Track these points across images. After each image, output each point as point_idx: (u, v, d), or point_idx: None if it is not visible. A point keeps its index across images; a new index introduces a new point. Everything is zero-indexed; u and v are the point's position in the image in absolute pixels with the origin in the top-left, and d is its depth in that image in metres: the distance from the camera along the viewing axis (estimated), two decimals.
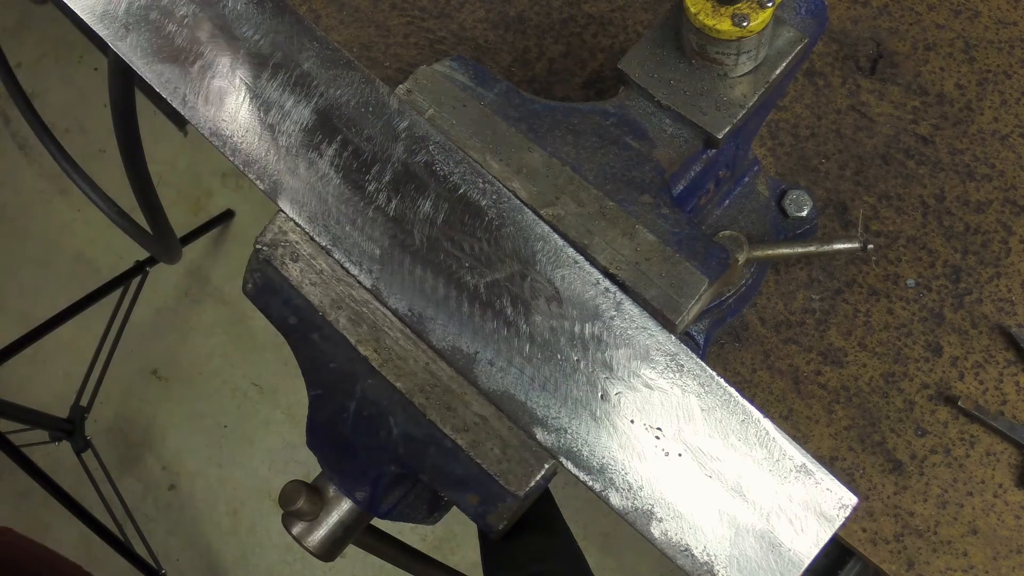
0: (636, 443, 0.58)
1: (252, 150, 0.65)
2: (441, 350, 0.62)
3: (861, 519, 0.96)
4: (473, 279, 0.62)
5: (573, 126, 0.71)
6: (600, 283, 0.61)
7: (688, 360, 0.59)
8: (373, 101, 0.65)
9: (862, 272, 1.03)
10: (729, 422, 0.58)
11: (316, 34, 0.66)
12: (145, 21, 0.68)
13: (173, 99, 0.67)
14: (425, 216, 0.63)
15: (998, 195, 1.04)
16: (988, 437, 0.96)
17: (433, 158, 0.64)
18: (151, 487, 2.48)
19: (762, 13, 0.64)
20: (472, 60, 0.74)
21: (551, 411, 0.60)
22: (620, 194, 0.67)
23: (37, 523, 2.50)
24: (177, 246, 1.25)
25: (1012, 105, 1.07)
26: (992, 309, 1.00)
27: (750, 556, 0.56)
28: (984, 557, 0.93)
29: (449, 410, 0.63)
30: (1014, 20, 1.09)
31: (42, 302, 2.59)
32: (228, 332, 2.54)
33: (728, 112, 0.70)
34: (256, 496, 2.43)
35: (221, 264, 2.59)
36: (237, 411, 2.49)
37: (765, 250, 0.92)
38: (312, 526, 0.70)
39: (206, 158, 2.63)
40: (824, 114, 1.09)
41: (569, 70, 1.15)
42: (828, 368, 1.01)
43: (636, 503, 0.58)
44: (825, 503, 0.56)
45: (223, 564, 2.41)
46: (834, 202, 1.06)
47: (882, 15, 1.12)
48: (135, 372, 2.55)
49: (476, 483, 0.63)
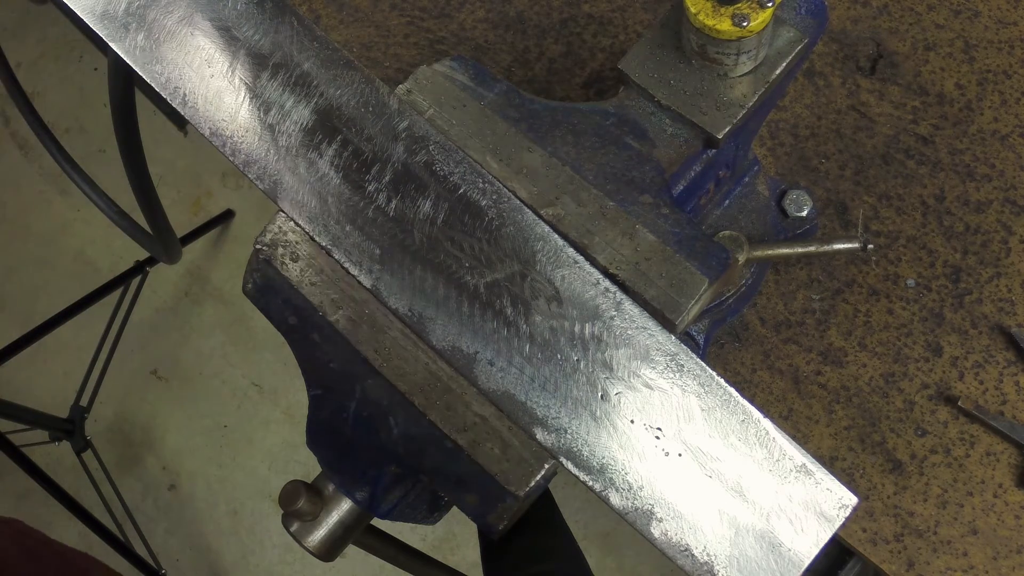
0: (636, 443, 0.58)
1: (252, 150, 0.65)
2: (441, 350, 0.62)
3: (861, 519, 0.96)
4: (473, 279, 0.62)
5: (573, 126, 0.71)
6: (600, 283, 0.61)
7: (688, 360, 0.59)
8: (373, 101, 0.65)
9: (862, 272, 1.03)
10: (729, 422, 0.58)
11: (316, 34, 0.66)
12: (144, 20, 0.68)
13: (173, 99, 0.67)
14: (425, 216, 0.63)
15: (998, 195, 1.04)
16: (988, 437, 0.96)
17: (433, 158, 0.64)
18: (151, 487, 2.48)
19: (762, 13, 0.64)
20: (472, 60, 0.74)
21: (551, 411, 0.60)
22: (620, 194, 0.67)
23: (37, 523, 2.47)
24: (177, 246, 1.25)
25: (1012, 105, 1.07)
26: (992, 309, 1.00)
27: (750, 556, 0.56)
28: (984, 557, 0.93)
29: (449, 410, 0.63)
30: (1014, 20, 1.09)
31: (42, 302, 2.59)
32: (228, 332, 2.54)
33: (728, 112, 0.70)
34: (256, 496, 2.43)
35: (221, 264, 2.59)
36: (237, 411, 2.49)
37: (765, 250, 0.92)
38: (312, 526, 0.70)
39: (206, 158, 2.62)
40: (824, 114, 1.09)
41: (569, 70, 1.15)
42: (828, 368, 1.01)
43: (636, 503, 0.58)
44: (825, 503, 0.56)
45: (223, 564, 2.41)
46: (834, 202, 1.06)
47: (882, 15, 1.12)
48: (135, 372, 2.55)
49: (476, 483, 0.63)
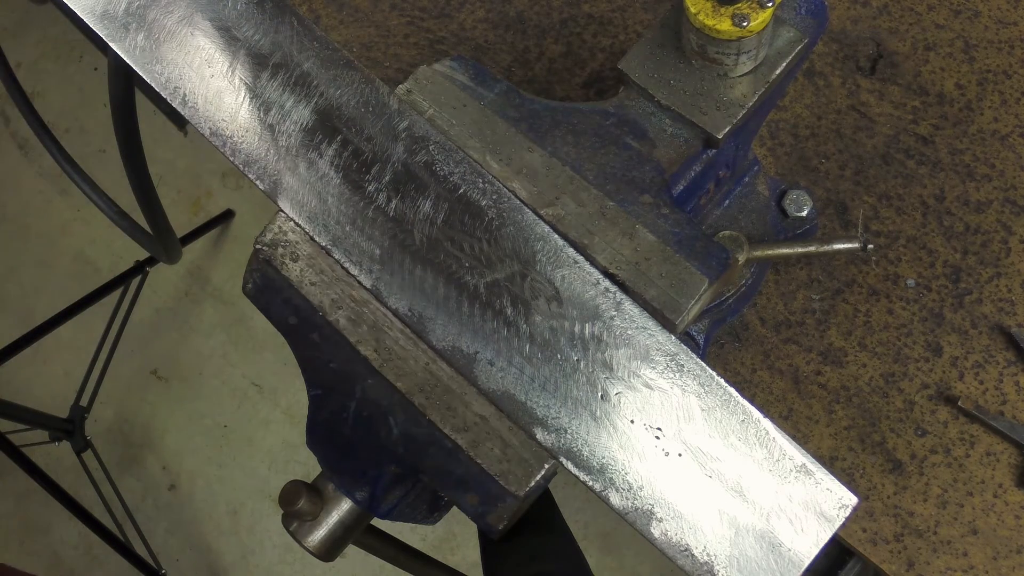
0: (636, 443, 0.58)
1: (252, 150, 0.65)
2: (441, 350, 0.62)
3: (861, 519, 0.96)
4: (473, 279, 0.62)
5: (573, 126, 0.71)
6: (600, 283, 0.61)
7: (688, 360, 0.59)
8: (373, 101, 0.65)
9: (862, 272, 1.03)
10: (729, 422, 0.58)
11: (316, 34, 0.66)
12: (144, 20, 0.68)
13: (173, 99, 0.67)
14: (425, 216, 0.63)
15: (998, 195, 1.04)
16: (988, 437, 0.96)
17: (433, 158, 0.64)
18: (151, 487, 2.48)
19: (762, 13, 0.64)
20: (472, 60, 0.73)
21: (551, 411, 0.60)
22: (620, 194, 0.67)
23: (37, 523, 2.50)
24: (177, 246, 1.25)
25: (1012, 105, 1.07)
26: (992, 309, 1.00)
27: (750, 556, 0.56)
28: (984, 557, 0.93)
29: (449, 410, 0.63)
30: (1014, 20, 1.09)
31: (42, 302, 2.59)
32: (228, 332, 2.54)
33: (728, 112, 0.70)
34: (256, 496, 2.43)
35: (221, 264, 2.59)
36: (237, 411, 2.49)
37: (765, 250, 0.92)
38: (312, 526, 0.70)
39: (206, 158, 2.62)
40: (824, 114, 1.09)
41: (569, 70, 1.15)
42: (828, 368, 1.01)
43: (636, 503, 0.58)
44: (825, 503, 0.56)
45: (223, 564, 2.41)
46: (834, 202, 1.06)
47: (882, 15, 1.12)
48: (135, 372, 2.55)
49: (476, 483, 0.63)
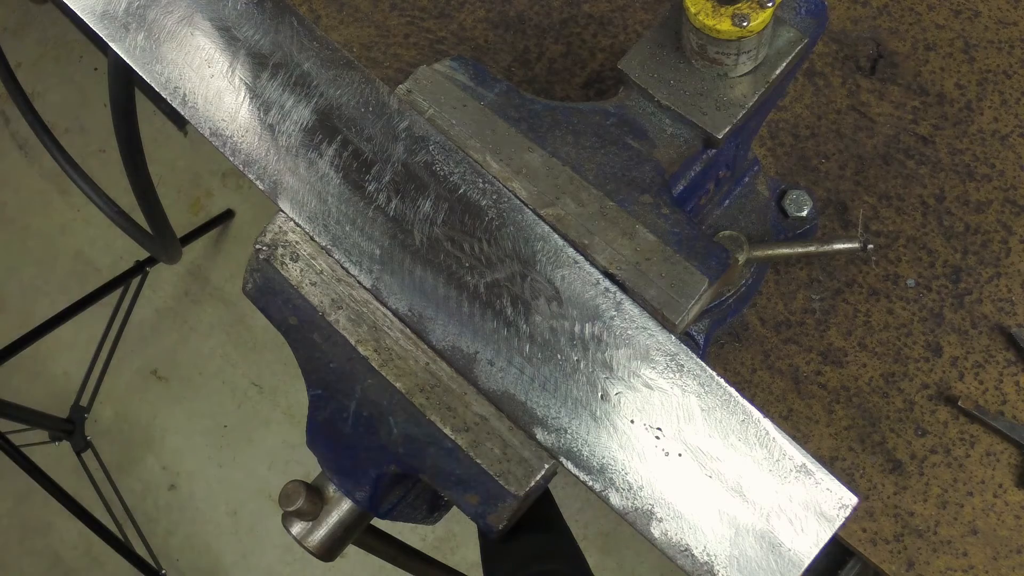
0: (636, 443, 0.58)
1: (252, 150, 0.65)
2: (441, 350, 0.62)
3: (861, 519, 0.96)
4: (473, 279, 0.62)
5: (573, 126, 0.71)
6: (600, 283, 0.61)
7: (688, 360, 0.59)
8: (373, 101, 0.65)
9: (862, 272, 1.03)
10: (729, 422, 0.58)
11: (316, 34, 0.66)
12: (144, 20, 0.68)
13: (173, 99, 0.67)
14: (425, 216, 0.63)
15: (998, 195, 1.04)
16: (988, 437, 0.96)
17: (433, 158, 0.64)
18: (151, 487, 2.48)
19: (762, 13, 0.64)
20: (472, 60, 0.73)
21: (551, 411, 0.60)
22: (620, 194, 0.67)
23: (37, 523, 2.50)
24: (177, 246, 1.25)
25: (1012, 105, 1.07)
26: (992, 309, 1.00)
27: (750, 556, 0.56)
28: (984, 557, 0.93)
29: (449, 410, 0.63)
30: (1014, 20, 1.09)
31: (42, 302, 2.59)
32: (228, 332, 2.54)
33: (728, 112, 0.70)
34: (256, 496, 2.43)
35: (221, 264, 2.59)
36: (237, 411, 2.49)
37: (765, 250, 0.92)
38: (312, 526, 0.70)
39: (206, 158, 2.62)
40: (824, 114, 1.09)
41: (569, 70, 1.15)
42: (828, 368, 1.01)
43: (636, 503, 0.58)
44: (825, 503, 0.56)
45: (223, 564, 2.41)
46: (834, 202, 1.06)
47: (882, 15, 1.12)
48: (135, 372, 2.55)
49: (476, 483, 0.63)
